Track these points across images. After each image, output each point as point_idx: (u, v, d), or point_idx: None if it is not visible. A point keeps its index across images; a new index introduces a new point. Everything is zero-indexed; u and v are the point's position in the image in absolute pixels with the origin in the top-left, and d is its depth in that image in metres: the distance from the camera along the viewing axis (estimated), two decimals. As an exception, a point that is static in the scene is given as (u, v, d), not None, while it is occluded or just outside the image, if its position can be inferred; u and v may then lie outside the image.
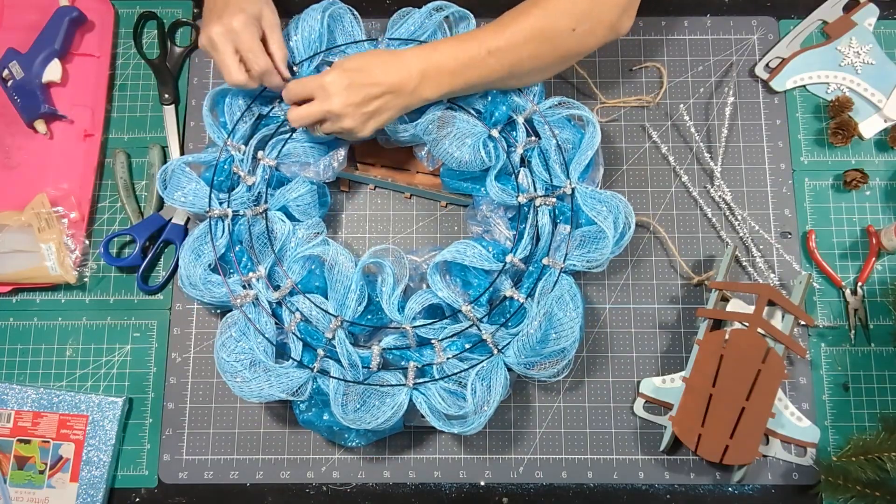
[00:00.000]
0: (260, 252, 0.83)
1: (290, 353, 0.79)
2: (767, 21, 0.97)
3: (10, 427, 0.85)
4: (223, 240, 0.82)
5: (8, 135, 0.94)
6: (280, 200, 0.84)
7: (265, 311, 0.80)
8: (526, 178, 0.83)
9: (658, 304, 0.89)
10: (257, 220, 0.84)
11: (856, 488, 0.79)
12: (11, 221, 0.89)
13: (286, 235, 0.83)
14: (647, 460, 0.85)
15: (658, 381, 0.86)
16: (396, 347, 0.80)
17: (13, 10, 0.96)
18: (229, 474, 0.85)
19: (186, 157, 0.85)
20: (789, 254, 0.90)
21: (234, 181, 0.85)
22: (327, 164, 0.85)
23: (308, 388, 0.78)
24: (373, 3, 0.99)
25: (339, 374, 0.78)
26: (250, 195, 0.84)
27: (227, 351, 0.79)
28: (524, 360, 0.78)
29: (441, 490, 0.85)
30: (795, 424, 0.84)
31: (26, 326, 0.89)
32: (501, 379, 0.77)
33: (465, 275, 0.82)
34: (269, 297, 0.80)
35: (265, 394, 0.77)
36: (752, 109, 0.95)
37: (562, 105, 0.85)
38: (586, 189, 0.82)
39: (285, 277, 0.81)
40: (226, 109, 0.86)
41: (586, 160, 0.83)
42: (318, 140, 0.85)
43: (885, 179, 0.92)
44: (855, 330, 0.88)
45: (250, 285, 0.81)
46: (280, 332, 0.80)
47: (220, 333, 0.80)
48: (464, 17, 0.88)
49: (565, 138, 0.84)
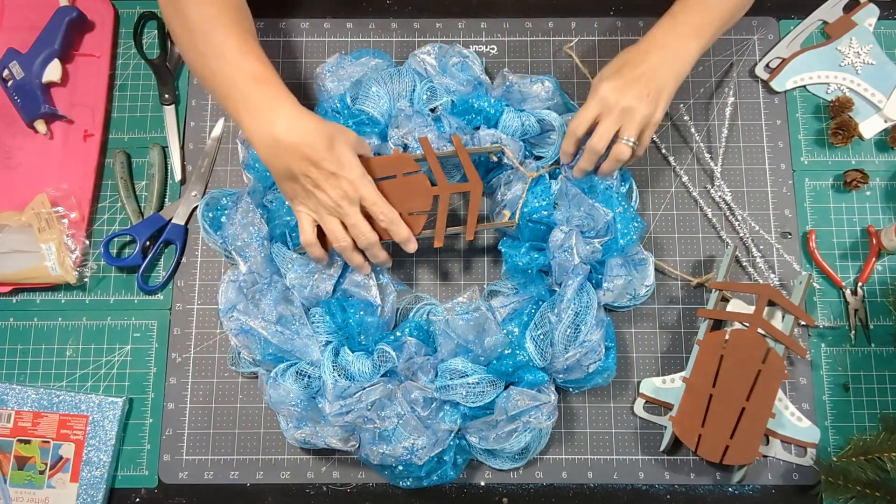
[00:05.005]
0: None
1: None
2: (767, 21, 0.97)
3: (10, 427, 0.85)
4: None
5: (8, 135, 0.93)
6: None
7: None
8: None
9: (658, 304, 0.89)
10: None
11: (856, 488, 0.79)
12: (11, 221, 0.89)
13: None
14: (648, 460, 0.85)
15: (658, 382, 0.86)
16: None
17: (13, 10, 0.96)
18: (229, 474, 0.85)
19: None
20: (789, 254, 0.90)
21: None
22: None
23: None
24: (373, 3, 0.99)
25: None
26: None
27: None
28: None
29: (441, 490, 0.85)
30: (795, 425, 0.84)
31: (26, 326, 0.89)
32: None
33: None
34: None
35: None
36: (752, 109, 0.95)
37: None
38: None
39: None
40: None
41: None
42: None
43: (886, 180, 0.92)
44: (855, 330, 0.88)
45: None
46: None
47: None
48: None
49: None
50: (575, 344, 0.79)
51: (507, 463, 0.83)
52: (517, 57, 0.95)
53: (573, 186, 0.84)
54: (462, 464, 0.82)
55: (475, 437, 0.80)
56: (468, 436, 0.81)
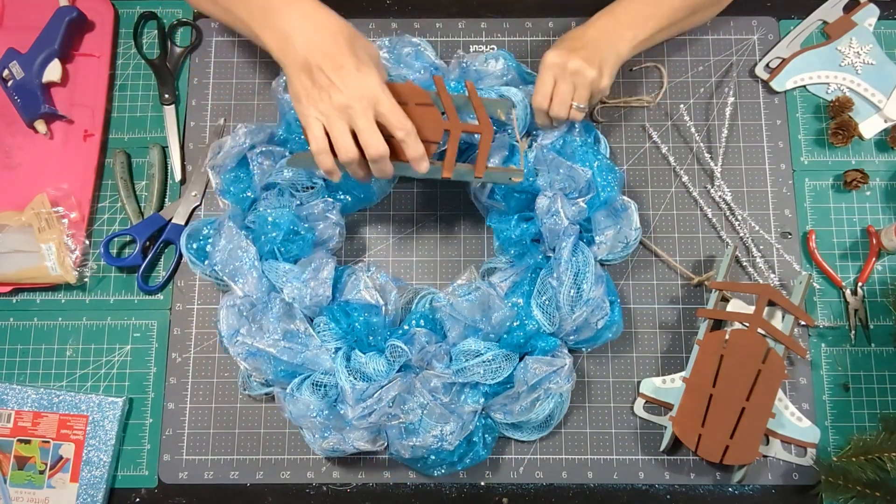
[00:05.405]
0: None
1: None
2: (767, 21, 0.97)
3: (10, 427, 0.85)
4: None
5: (8, 135, 0.93)
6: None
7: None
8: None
9: (658, 304, 0.89)
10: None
11: (856, 488, 0.79)
12: (11, 221, 0.89)
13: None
14: (648, 460, 0.85)
15: (658, 382, 0.86)
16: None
17: (13, 10, 0.96)
18: (229, 474, 0.85)
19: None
20: (789, 254, 0.90)
21: None
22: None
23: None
24: (373, 3, 0.99)
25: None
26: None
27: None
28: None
29: (441, 490, 0.85)
30: (795, 424, 0.84)
31: (26, 326, 0.89)
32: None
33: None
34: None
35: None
36: (752, 109, 0.95)
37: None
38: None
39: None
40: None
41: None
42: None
43: (886, 179, 0.92)
44: (855, 330, 0.88)
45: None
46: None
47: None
48: None
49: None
50: (580, 303, 0.80)
51: (533, 433, 0.84)
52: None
53: (549, 151, 0.85)
54: (491, 442, 0.82)
55: (500, 414, 0.81)
56: (492, 413, 0.81)
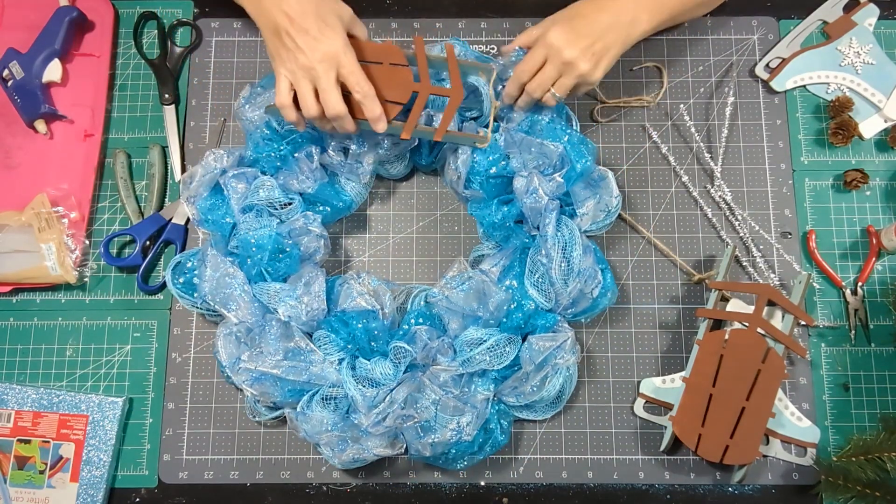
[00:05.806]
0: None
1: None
2: (767, 21, 0.97)
3: (10, 427, 0.85)
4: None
5: (8, 135, 0.94)
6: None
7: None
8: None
9: (658, 304, 0.89)
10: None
11: (856, 488, 0.79)
12: (11, 221, 0.89)
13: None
14: (648, 460, 0.85)
15: (658, 381, 0.86)
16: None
17: (13, 10, 0.96)
18: (229, 474, 0.85)
19: None
20: (789, 254, 0.90)
21: None
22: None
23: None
24: (373, 3, 0.99)
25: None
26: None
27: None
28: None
29: (441, 490, 0.85)
30: (795, 424, 0.84)
31: (26, 326, 0.89)
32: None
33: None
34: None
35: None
36: (752, 109, 0.95)
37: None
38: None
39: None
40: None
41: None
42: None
43: (885, 179, 0.92)
44: (855, 330, 0.88)
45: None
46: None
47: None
48: None
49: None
50: (572, 275, 0.81)
51: (547, 411, 0.84)
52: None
53: (518, 132, 0.85)
54: (508, 427, 0.83)
55: (511, 398, 0.81)
56: (504, 398, 0.82)
